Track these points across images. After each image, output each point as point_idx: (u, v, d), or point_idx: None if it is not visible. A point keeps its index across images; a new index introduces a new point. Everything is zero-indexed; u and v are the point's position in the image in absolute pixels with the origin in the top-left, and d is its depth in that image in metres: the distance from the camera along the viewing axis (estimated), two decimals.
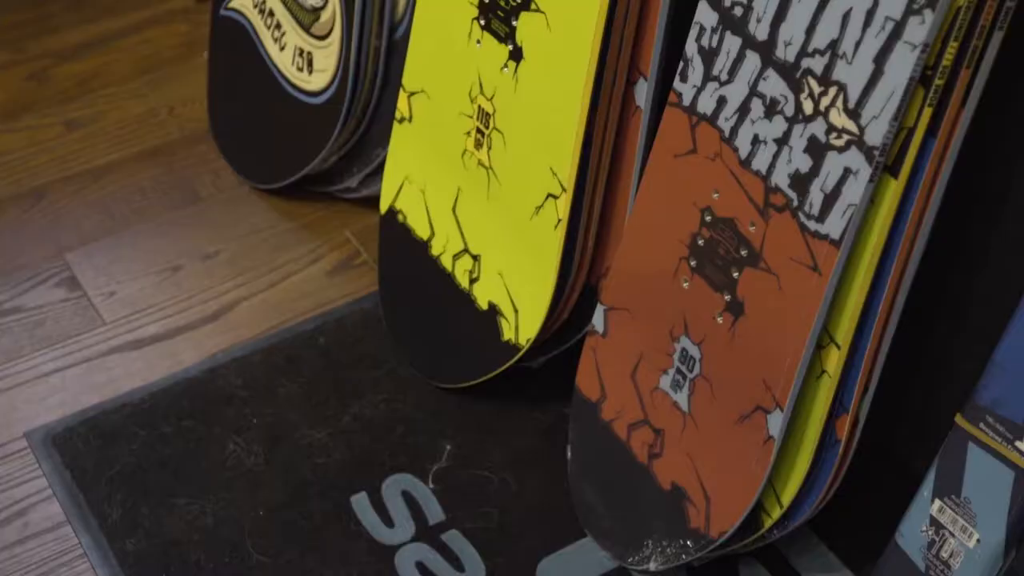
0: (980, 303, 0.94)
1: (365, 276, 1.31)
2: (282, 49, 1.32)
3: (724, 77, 0.88)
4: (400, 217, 1.21)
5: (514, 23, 1.03)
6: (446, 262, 1.16)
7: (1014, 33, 0.76)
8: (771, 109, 0.86)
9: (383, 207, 1.23)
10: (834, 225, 0.83)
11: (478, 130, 1.10)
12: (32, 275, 1.31)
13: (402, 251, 1.21)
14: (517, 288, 1.09)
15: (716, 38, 0.88)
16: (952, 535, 0.86)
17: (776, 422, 0.90)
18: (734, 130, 0.89)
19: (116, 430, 1.14)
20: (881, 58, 0.77)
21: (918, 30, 0.75)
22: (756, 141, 0.87)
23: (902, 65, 0.76)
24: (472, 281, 1.13)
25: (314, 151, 1.30)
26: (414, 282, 1.20)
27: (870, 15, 0.77)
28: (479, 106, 1.09)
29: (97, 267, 1.32)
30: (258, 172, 1.40)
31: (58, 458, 1.12)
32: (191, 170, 1.43)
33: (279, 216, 1.38)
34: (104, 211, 1.38)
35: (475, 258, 1.13)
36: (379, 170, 1.28)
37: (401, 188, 1.20)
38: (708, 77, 0.90)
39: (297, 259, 1.34)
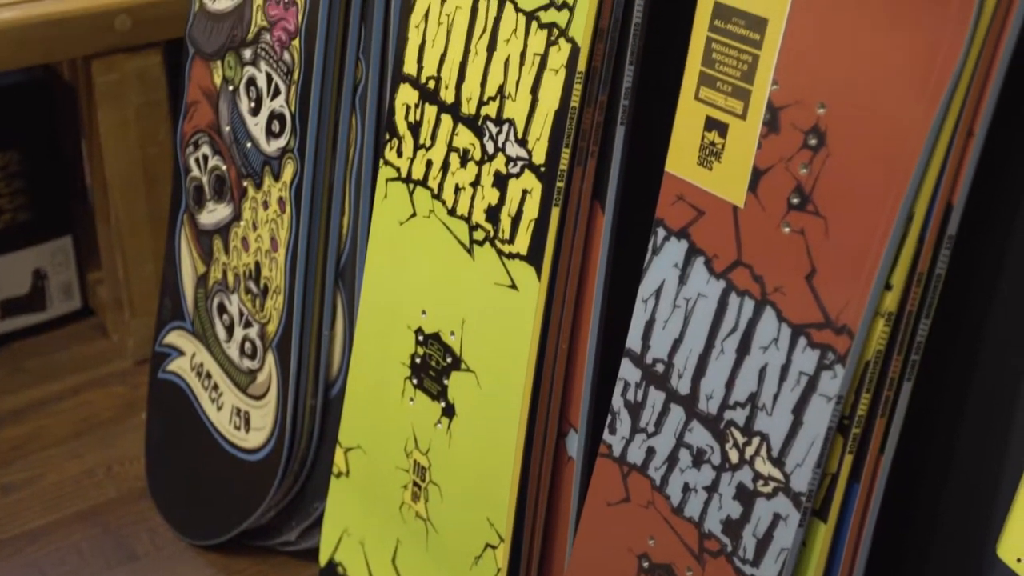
0: None
1: None
2: (219, 409, 1.34)
3: (651, 429, 0.92)
4: (340, 570, 1.21)
5: (445, 382, 1.06)
6: None
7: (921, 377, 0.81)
8: (699, 459, 0.89)
9: (323, 560, 1.24)
10: (768, 569, 0.85)
11: (415, 483, 1.12)
12: None
13: None
14: None
15: (641, 393, 0.92)
16: None
17: None
18: (664, 479, 0.91)
19: None
20: (799, 409, 0.81)
21: (831, 384, 0.79)
22: (687, 489, 0.90)
23: (820, 416, 0.80)
24: None
25: (253, 507, 1.31)
26: None
27: (785, 370, 0.82)
28: (415, 460, 1.11)
29: None
30: (197, 529, 1.40)
31: None
32: (129, 528, 1.43)
33: (217, 571, 1.37)
34: (40, 573, 1.37)
35: None
36: (318, 523, 1.29)
37: (340, 541, 1.21)
38: (636, 429, 0.93)
39: None
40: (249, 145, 1.25)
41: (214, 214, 1.32)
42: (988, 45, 0.71)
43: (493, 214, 1.00)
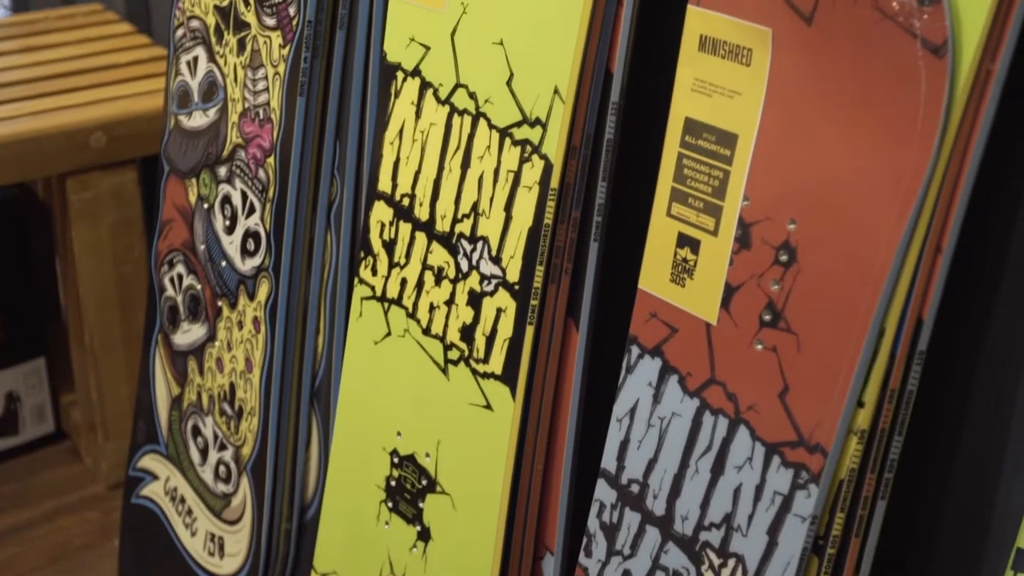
0: None
1: None
2: (193, 535, 1.32)
3: (627, 551, 0.90)
4: None
5: (421, 505, 1.04)
6: None
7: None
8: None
9: None
10: None
11: None
12: None
13: None
14: None
15: (616, 514, 0.90)
16: None
17: None
18: None
19: None
20: (774, 530, 0.79)
21: (805, 503, 0.77)
22: None
23: (794, 537, 0.78)
24: None
25: None
26: None
27: (759, 490, 0.80)
28: None
29: None
30: None
31: None
32: None
33: None
34: None
35: None
36: None
37: None
38: (612, 552, 0.91)
39: None
40: (224, 264, 1.24)
41: (188, 334, 1.31)
42: (953, 163, 0.71)
43: (468, 333, 0.99)
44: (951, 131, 0.70)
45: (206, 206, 1.26)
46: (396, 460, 1.07)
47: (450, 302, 1.01)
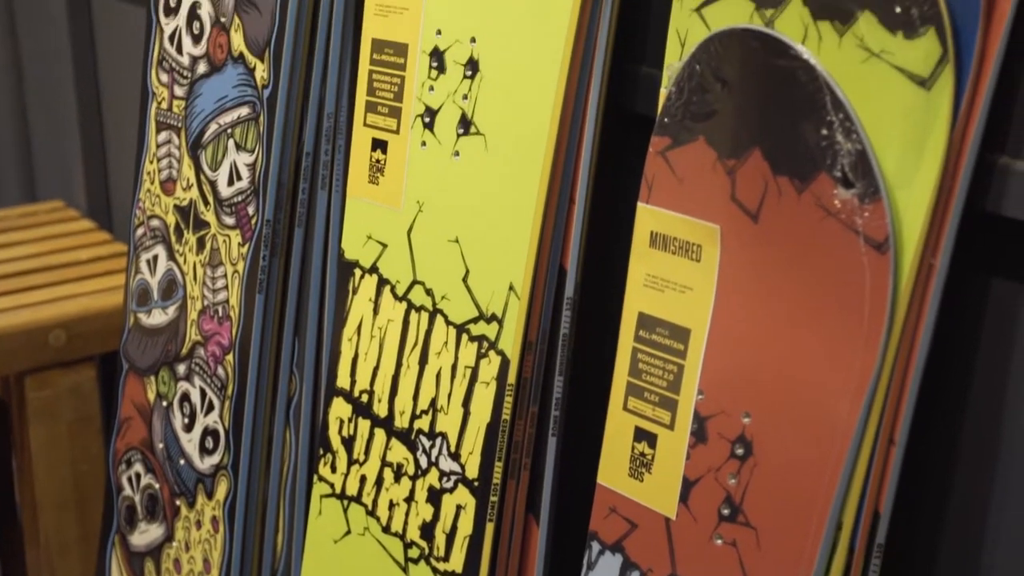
0: None
1: None
2: None
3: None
4: None
5: None
6: None
7: None
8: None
9: None
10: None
11: None
12: None
13: None
14: None
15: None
16: None
17: None
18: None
19: None
20: None
21: None
22: None
23: None
24: None
25: None
26: None
27: None
28: None
29: None
30: None
31: None
32: None
33: None
34: None
35: None
36: None
37: None
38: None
39: None
40: (182, 462, 1.23)
41: (146, 535, 1.29)
42: (901, 356, 0.72)
43: (428, 531, 0.99)
44: (897, 325, 0.71)
45: (165, 404, 1.25)
46: None
47: (410, 499, 1.00)
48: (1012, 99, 0.71)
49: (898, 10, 0.70)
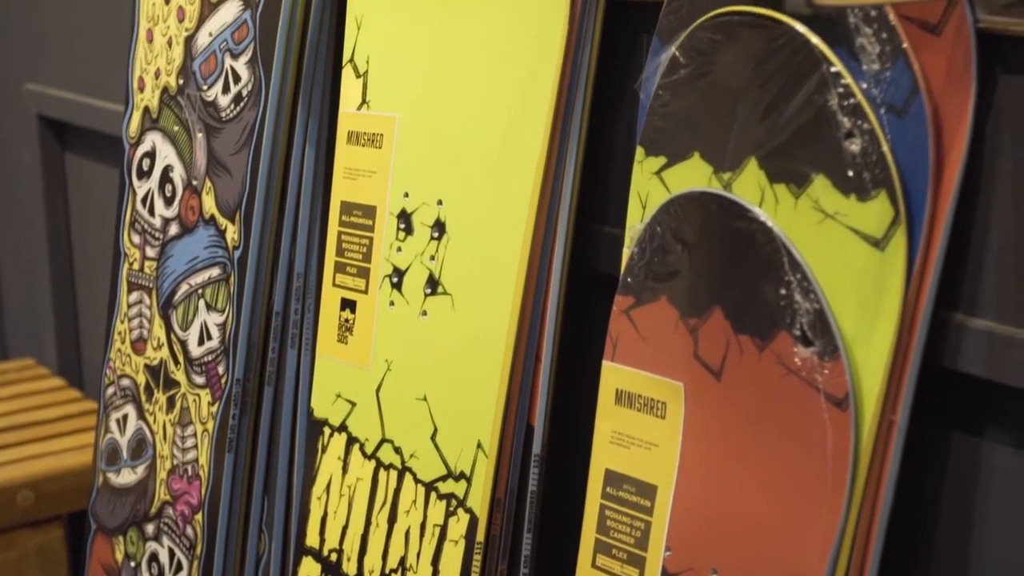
0: None
1: None
2: None
3: None
4: None
5: None
6: None
7: None
8: None
9: None
10: None
11: None
12: None
13: None
14: None
15: None
16: None
17: None
18: None
19: None
20: None
21: None
22: None
23: None
24: None
25: None
26: None
27: None
28: None
29: None
30: None
31: None
32: None
33: None
34: None
35: None
36: None
37: None
38: None
39: None
40: None
41: None
42: (865, 509, 0.73)
43: None
44: (860, 480, 0.72)
45: (133, 564, 1.24)
46: None
47: None
48: (964, 257, 0.73)
49: (851, 173, 0.72)
